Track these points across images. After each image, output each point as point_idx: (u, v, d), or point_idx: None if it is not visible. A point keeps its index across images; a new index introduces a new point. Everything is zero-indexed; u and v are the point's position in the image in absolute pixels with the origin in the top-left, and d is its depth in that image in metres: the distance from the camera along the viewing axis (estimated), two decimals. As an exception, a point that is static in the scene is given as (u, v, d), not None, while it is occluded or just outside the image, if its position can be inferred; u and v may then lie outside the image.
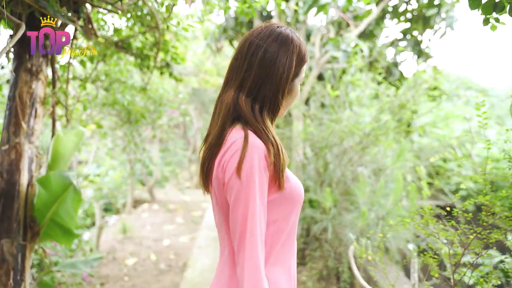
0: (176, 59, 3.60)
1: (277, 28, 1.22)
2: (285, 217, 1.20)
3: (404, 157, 3.10)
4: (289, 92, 1.23)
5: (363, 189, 3.11)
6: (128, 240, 5.75)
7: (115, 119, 4.53)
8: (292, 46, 1.20)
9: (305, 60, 1.24)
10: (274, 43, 1.19)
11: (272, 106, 1.20)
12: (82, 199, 2.32)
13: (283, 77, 1.18)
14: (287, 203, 1.19)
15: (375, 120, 3.46)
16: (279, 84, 1.18)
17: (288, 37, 1.20)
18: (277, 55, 1.18)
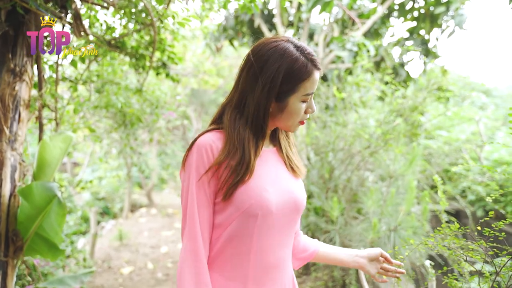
0: (173, 59, 3.40)
1: (273, 42, 1.20)
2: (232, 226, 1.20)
3: (417, 163, 2.89)
4: (281, 109, 1.22)
5: (372, 198, 2.90)
6: (124, 247, 5.54)
7: (111, 122, 4.33)
8: (280, 61, 1.17)
9: (302, 76, 1.18)
10: (261, 58, 1.19)
11: (255, 122, 1.21)
12: (66, 213, 2.12)
13: (264, 92, 1.18)
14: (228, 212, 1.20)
15: (385, 123, 3.26)
16: (260, 103, 1.19)
17: (278, 52, 1.18)
18: (261, 70, 1.18)
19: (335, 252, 1.46)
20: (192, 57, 7.50)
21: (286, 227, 1.28)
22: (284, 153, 1.37)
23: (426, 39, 5.36)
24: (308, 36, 5.66)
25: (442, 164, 3.87)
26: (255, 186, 1.19)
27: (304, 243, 1.49)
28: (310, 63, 1.19)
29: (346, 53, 4.32)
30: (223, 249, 1.23)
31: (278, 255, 1.27)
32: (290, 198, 1.27)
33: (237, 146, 1.19)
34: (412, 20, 5.32)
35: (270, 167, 1.29)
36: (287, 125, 1.27)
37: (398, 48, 5.44)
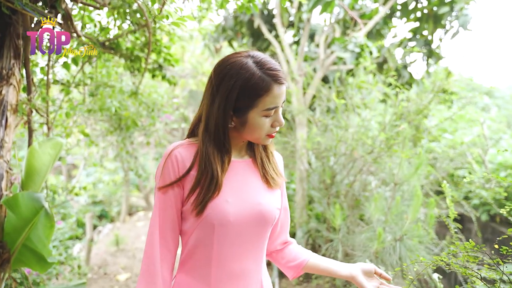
0: (170, 61, 3.29)
1: (231, 58, 1.23)
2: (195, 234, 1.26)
3: (423, 169, 2.78)
4: (243, 124, 1.24)
5: (376, 205, 2.79)
6: (121, 252, 5.43)
7: (106, 125, 4.21)
8: (236, 78, 1.18)
9: (259, 92, 1.18)
10: (218, 76, 1.22)
11: (217, 138, 1.25)
12: (54, 224, 2.00)
13: (220, 111, 1.21)
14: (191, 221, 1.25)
15: (390, 128, 3.14)
16: (217, 118, 1.22)
17: (234, 69, 1.19)
18: (218, 88, 1.21)
19: (328, 262, 1.43)
20: (191, 58, 7.40)
21: (251, 238, 1.30)
22: (259, 164, 1.38)
23: (429, 40, 5.25)
24: (309, 37, 5.55)
25: (447, 169, 3.75)
26: (218, 197, 1.23)
27: (295, 252, 1.49)
28: (268, 78, 1.19)
29: (348, 55, 4.21)
30: (190, 254, 1.29)
31: (242, 265, 1.29)
32: (255, 209, 1.28)
33: (205, 162, 1.24)
34: (415, 21, 5.20)
35: (237, 178, 1.31)
36: (253, 138, 1.29)
37: (400, 49, 5.33)
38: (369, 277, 1.35)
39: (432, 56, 5.26)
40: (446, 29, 5.10)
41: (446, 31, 5.14)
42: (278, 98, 1.22)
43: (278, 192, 1.41)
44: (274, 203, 1.36)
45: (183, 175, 1.24)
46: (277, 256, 1.53)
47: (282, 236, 1.52)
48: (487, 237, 4.23)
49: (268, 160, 1.41)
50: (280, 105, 1.24)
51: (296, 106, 4.23)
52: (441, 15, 4.92)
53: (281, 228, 1.50)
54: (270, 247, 1.51)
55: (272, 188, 1.38)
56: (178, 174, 1.25)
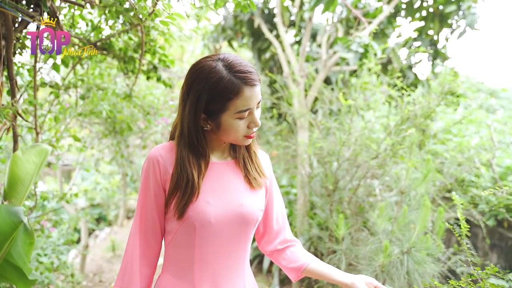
0: (165, 62, 3.14)
1: (201, 63, 1.24)
2: (178, 234, 1.29)
3: (431, 177, 2.62)
4: (217, 127, 1.26)
5: (382, 215, 2.64)
6: (117, 258, 5.28)
7: (102, 128, 4.07)
8: (204, 82, 1.20)
9: (228, 95, 1.19)
10: (188, 81, 1.24)
11: (190, 142, 1.28)
12: (34, 241, 1.85)
13: (190, 115, 1.23)
14: (175, 222, 1.28)
15: (396, 132, 2.99)
16: (189, 122, 1.24)
17: (203, 74, 1.21)
18: (188, 93, 1.23)
19: (328, 268, 1.41)
20: (190, 58, 7.25)
21: (233, 238, 1.32)
22: (241, 165, 1.40)
23: (435, 40, 5.09)
24: (311, 36, 5.39)
25: (454, 174, 3.59)
26: (198, 199, 1.26)
27: (296, 255, 1.48)
28: (237, 81, 1.18)
29: (351, 55, 4.05)
30: (173, 254, 1.33)
31: (225, 265, 1.32)
32: (236, 210, 1.30)
33: (180, 166, 1.27)
34: (420, 20, 5.05)
35: (219, 180, 1.33)
36: (230, 140, 1.30)
37: (405, 50, 5.18)
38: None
39: (437, 56, 5.10)
40: (453, 29, 4.94)
41: (452, 30, 4.98)
42: (250, 100, 1.21)
43: (262, 193, 1.42)
44: (257, 204, 1.37)
45: (167, 176, 1.29)
46: (278, 256, 1.51)
47: (281, 236, 1.51)
48: (494, 242, 4.08)
49: (251, 161, 1.42)
50: (253, 107, 1.24)
51: (297, 109, 4.08)
52: (448, 14, 4.76)
53: (278, 228, 1.50)
54: (269, 246, 1.52)
55: (255, 189, 1.39)
56: (159, 176, 1.29)
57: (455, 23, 4.87)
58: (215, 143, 1.37)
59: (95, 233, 6.43)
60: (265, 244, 1.53)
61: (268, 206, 1.50)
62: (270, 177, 1.50)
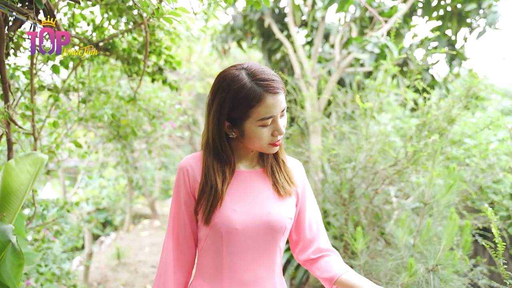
0: (171, 63, 2.97)
1: (225, 72, 1.27)
2: (207, 241, 1.33)
3: (457, 187, 2.42)
4: (242, 134, 1.29)
5: (404, 228, 2.44)
6: (123, 266, 5.11)
7: (106, 132, 3.91)
8: (227, 90, 1.22)
9: (250, 102, 1.21)
10: (213, 90, 1.29)
11: (215, 150, 1.32)
12: (24, 262, 1.69)
13: (214, 122, 1.27)
14: (204, 228, 1.32)
15: (417, 138, 2.79)
16: (213, 130, 1.29)
17: (225, 82, 1.24)
18: (212, 102, 1.28)
19: (362, 281, 1.32)
20: (198, 60, 7.08)
21: (261, 246, 1.32)
22: (269, 174, 1.41)
23: (452, 40, 4.87)
24: (323, 37, 5.20)
25: (477, 182, 3.38)
26: (224, 206, 1.29)
27: (330, 265, 1.42)
28: (259, 88, 1.20)
29: (367, 56, 3.85)
30: (204, 261, 1.37)
31: (253, 273, 1.33)
32: (263, 219, 1.31)
33: (205, 173, 1.32)
34: (438, 19, 4.84)
35: (247, 188, 1.35)
36: (256, 148, 1.32)
37: (421, 50, 4.97)
38: None
39: (455, 57, 4.88)
40: (472, 28, 4.72)
41: (471, 30, 4.76)
42: (272, 108, 1.22)
43: (291, 201, 1.41)
44: (285, 212, 1.36)
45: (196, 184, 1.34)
46: (312, 266, 1.48)
47: (314, 245, 1.47)
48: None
49: (279, 169, 1.43)
50: (277, 114, 1.25)
51: (310, 112, 3.88)
52: (467, 12, 4.54)
53: (311, 236, 1.47)
54: (303, 255, 1.48)
55: (283, 197, 1.38)
56: (188, 185, 1.33)
57: (475, 22, 4.65)
58: (243, 152, 1.39)
59: (101, 239, 6.28)
60: (299, 253, 1.50)
61: (300, 214, 1.48)
62: (302, 184, 1.49)
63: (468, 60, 4.87)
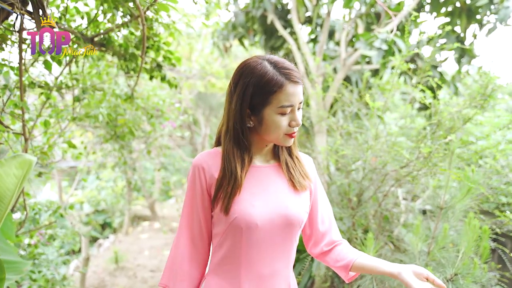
0: (170, 60, 2.81)
1: (247, 60, 1.32)
2: (224, 237, 1.32)
3: (475, 191, 2.27)
4: (260, 122, 1.30)
5: (418, 235, 2.28)
6: (121, 271, 4.95)
7: (103, 132, 3.75)
8: (251, 76, 1.26)
9: (272, 88, 1.24)
10: (235, 77, 1.32)
11: (236, 136, 1.33)
12: (5, 277, 1.54)
13: (236, 109, 1.29)
14: (222, 224, 1.32)
15: (432, 139, 2.63)
16: (235, 115, 1.30)
17: (248, 68, 1.28)
18: (235, 88, 1.30)
19: (376, 261, 1.37)
20: (199, 58, 6.91)
21: (279, 240, 1.34)
22: (285, 169, 1.42)
23: (461, 37, 4.71)
24: (329, 34, 5.04)
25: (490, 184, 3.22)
26: (243, 201, 1.29)
27: (343, 253, 1.46)
28: (281, 76, 1.24)
29: (374, 52, 3.69)
30: (220, 257, 1.35)
31: (271, 268, 1.34)
32: (282, 213, 1.32)
33: (225, 160, 1.32)
34: (446, 16, 4.68)
35: (264, 183, 1.37)
36: (272, 138, 1.33)
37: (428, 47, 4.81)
38: (419, 279, 1.26)
39: (464, 54, 4.72)
40: (482, 24, 4.56)
41: (481, 26, 4.60)
42: (292, 97, 1.26)
43: (306, 195, 1.43)
44: (302, 206, 1.39)
45: (214, 180, 1.33)
46: (325, 257, 1.50)
47: (327, 238, 1.50)
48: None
49: (294, 164, 1.44)
50: (295, 104, 1.28)
51: (315, 111, 3.72)
52: (477, 8, 4.39)
53: (324, 230, 1.50)
54: (316, 249, 1.51)
55: (299, 191, 1.40)
56: (204, 182, 1.33)
57: (485, 18, 4.49)
58: (258, 146, 1.40)
59: (99, 241, 6.13)
60: (313, 246, 1.52)
61: (313, 208, 1.50)
62: (314, 179, 1.51)
63: (477, 58, 4.72)
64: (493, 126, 4.75)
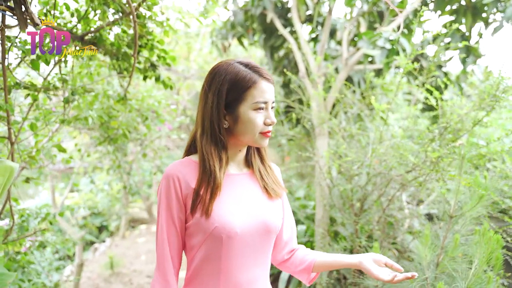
0: (165, 59, 2.68)
1: (218, 63, 1.36)
2: (203, 247, 1.30)
3: (488, 197, 2.13)
4: (235, 121, 1.32)
5: (427, 245, 2.15)
6: (116, 277, 4.81)
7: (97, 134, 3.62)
8: (225, 74, 1.30)
9: (246, 84, 1.29)
10: (208, 78, 1.36)
11: (213, 134, 1.33)
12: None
13: (213, 106, 1.31)
14: (200, 235, 1.29)
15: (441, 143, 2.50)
16: (211, 113, 1.32)
17: (221, 69, 1.32)
18: (210, 87, 1.33)
19: (335, 256, 1.47)
20: (197, 57, 6.78)
21: (257, 248, 1.35)
22: (258, 176, 1.45)
23: (467, 36, 4.58)
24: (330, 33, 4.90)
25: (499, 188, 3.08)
26: (221, 210, 1.28)
27: (302, 255, 1.53)
28: (254, 73, 1.30)
29: (378, 52, 3.56)
30: (197, 269, 1.33)
31: (250, 275, 1.34)
32: (259, 221, 1.34)
33: (204, 161, 1.32)
34: (451, 14, 4.55)
35: (240, 191, 1.37)
36: (248, 138, 1.34)
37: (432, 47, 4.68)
38: (378, 265, 1.36)
39: (470, 54, 4.59)
40: (488, 22, 4.43)
41: (487, 25, 4.47)
42: (266, 93, 1.31)
43: (279, 202, 1.48)
44: (278, 213, 1.43)
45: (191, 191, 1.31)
46: (286, 264, 1.56)
47: (289, 245, 1.56)
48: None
49: (267, 172, 1.48)
50: (269, 101, 1.33)
51: (316, 113, 3.59)
52: (482, 6, 4.25)
53: (287, 238, 1.54)
54: (279, 257, 1.56)
55: (273, 199, 1.44)
56: (180, 192, 1.30)
57: (491, 16, 4.36)
58: (232, 151, 1.40)
59: (95, 245, 5.99)
60: (275, 254, 1.55)
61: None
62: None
63: (483, 57, 4.59)
64: (500, 128, 4.61)
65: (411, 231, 3.31)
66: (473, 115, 2.54)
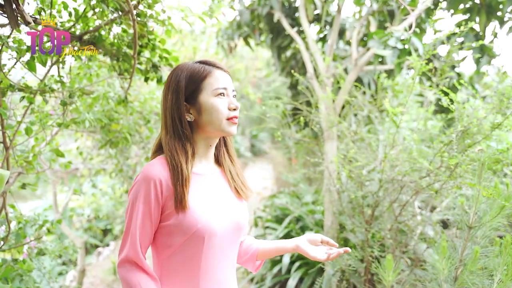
0: (167, 60, 2.57)
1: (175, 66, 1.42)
2: (182, 247, 1.30)
3: (510, 206, 1.99)
4: (199, 111, 1.35)
5: (445, 257, 2.01)
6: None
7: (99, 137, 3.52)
8: (181, 72, 1.36)
9: (201, 75, 1.34)
10: (167, 80, 1.40)
11: (175, 128, 1.34)
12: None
13: (173, 103, 1.34)
14: (180, 235, 1.29)
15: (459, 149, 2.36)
16: (172, 109, 1.34)
17: (178, 69, 1.38)
18: (169, 86, 1.38)
19: (276, 243, 1.55)
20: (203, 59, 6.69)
21: (231, 245, 1.40)
22: (228, 175, 1.48)
23: (480, 35, 4.43)
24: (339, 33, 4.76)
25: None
26: (202, 211, 1.30)
27: (246, 246, 1.60)
28: (208, 66, 1.37)
29: (389, 52, 3.42)
30: (174, 267, 1.33)
31: (224, 273, 1.39)
32: (233, 221, 1.38)
33: (171, 158, 1.32)
34: (464, 13, 4.40)
35: (214, 191, 1.40)
36: (215, 127, 1.35)
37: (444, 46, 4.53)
38: (315, 245, 1.46)
39: (484, 54, 4.44)
40: (503, 21, 4.28)
41: (502, 23, 4.32)
42: (223, 80, 1.36)
43: (245, 202, 1.52)
44: (246, 213, 1.48)
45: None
46: None
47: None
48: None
49: (236, 173, 1.51)
50: (228, 88, 1.37)
51: (325, 115, 3.46)
52: (497, 4, 4.11)
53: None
54: None
55: (241, 199, 1.48)
56: (160, 195, 1.29)
57: (507, 15, 4.21)
58: (203, 147, 1.41)
59: (98, 249, 5.90)
60: None
61: None
62: None
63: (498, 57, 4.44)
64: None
65: (424, 238, 3.17)
66: (491, 118, 2.40)
